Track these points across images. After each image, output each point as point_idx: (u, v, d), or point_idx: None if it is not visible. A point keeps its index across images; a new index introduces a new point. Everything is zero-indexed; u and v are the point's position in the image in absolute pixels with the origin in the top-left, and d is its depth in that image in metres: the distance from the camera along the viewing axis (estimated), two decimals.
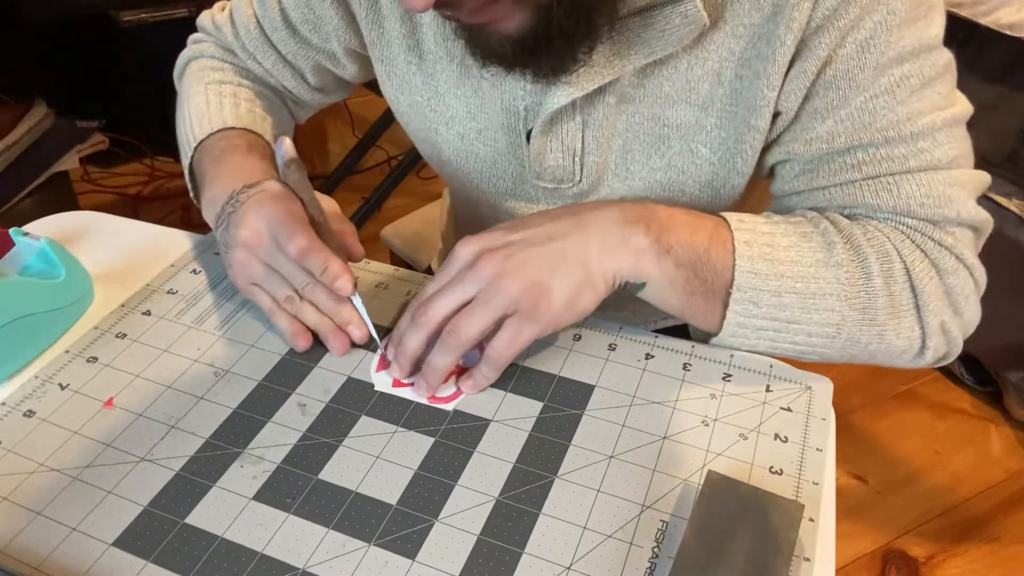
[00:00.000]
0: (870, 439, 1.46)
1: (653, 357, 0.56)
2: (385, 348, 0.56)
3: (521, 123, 0.61)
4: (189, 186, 0.68)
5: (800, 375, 0.54)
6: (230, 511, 0.46)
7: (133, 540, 0.44)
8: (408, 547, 0.44)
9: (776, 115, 0.56)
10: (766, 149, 0.59)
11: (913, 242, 0.54)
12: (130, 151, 1.99)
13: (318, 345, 0.57)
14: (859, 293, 0.52)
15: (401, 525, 0.45)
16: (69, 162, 1.61)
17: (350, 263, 0.58)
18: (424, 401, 0.53)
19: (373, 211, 2.05)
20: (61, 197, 1.63)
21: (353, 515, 0.45)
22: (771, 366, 0.55)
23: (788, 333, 0.53)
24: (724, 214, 0.55)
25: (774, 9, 0.51)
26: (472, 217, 0.75)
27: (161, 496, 0.46)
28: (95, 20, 1.84)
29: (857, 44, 0.51)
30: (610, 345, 0.57)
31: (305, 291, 0.56)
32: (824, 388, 0.53)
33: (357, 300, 0.56)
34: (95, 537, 0.44)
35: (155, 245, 0.68)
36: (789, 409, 0.52)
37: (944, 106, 0.53)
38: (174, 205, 2.07)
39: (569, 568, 0.43)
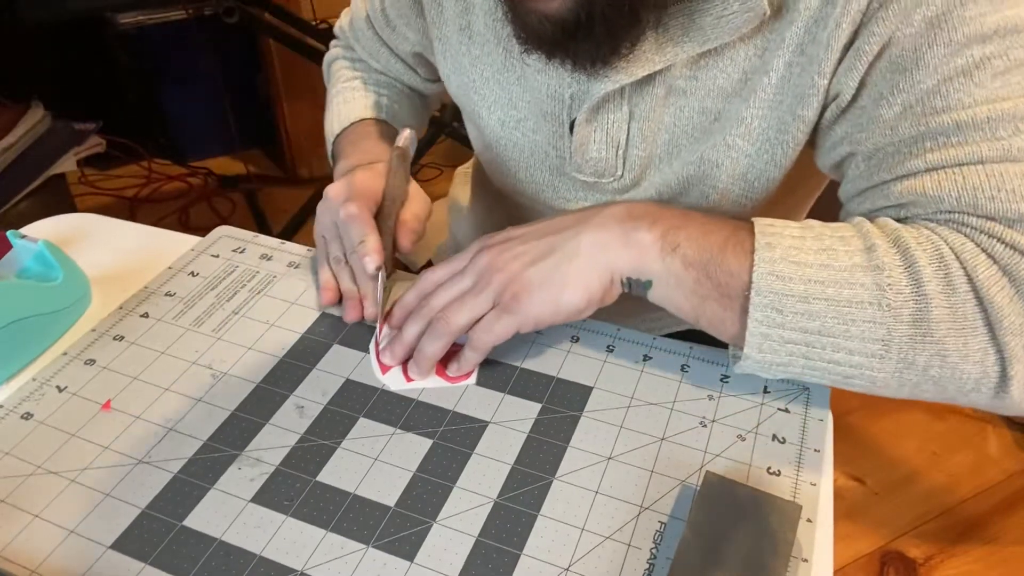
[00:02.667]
0: (868, 440, 1.46)
1: (651, 359, 0.56)
2: (378, 337, 0.57)
3: (565, 112, 0.60)
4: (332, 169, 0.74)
5: None
6: (228, 513, 0.46)
7: (131, 543, 0.44)
8: (406, 549, 0.44)
9: (831, 100, 0.51)
10: (828, 142, 0.54)
11: (977, 244, 0.45)
12: (127, 153, 1.99)
13: (315, 347, 0.57)
14: (907, 302, 0.44)
15: (399, 527, 0.45)
16: (66, 164, 1.61)
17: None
18: (443, 383, 0.54)
19: None
20: (58, 199, 1.63)
21: (351, 517, 0.45)
22: None
23: (823, 349, 0.46)
24: (753, 219, 0.49)
25: None
26: (508, 210, 0.75)
27: (159, 498, 0.46)
28: (92, 22, 1.84)
29: (926, 20, 0.45)
30: (608, 346, 0.57)
31: (351, 256, 0.59)
32: (822, 389, 0.53)
33: (381, 283, 0.57)
34: (93, 540, 0.44)
35: (153, 247, 0.68)
36: (787, 410, 0.52)
37: None
38: (171, 207, 2.07)
39: (567, 569, 0.43)
